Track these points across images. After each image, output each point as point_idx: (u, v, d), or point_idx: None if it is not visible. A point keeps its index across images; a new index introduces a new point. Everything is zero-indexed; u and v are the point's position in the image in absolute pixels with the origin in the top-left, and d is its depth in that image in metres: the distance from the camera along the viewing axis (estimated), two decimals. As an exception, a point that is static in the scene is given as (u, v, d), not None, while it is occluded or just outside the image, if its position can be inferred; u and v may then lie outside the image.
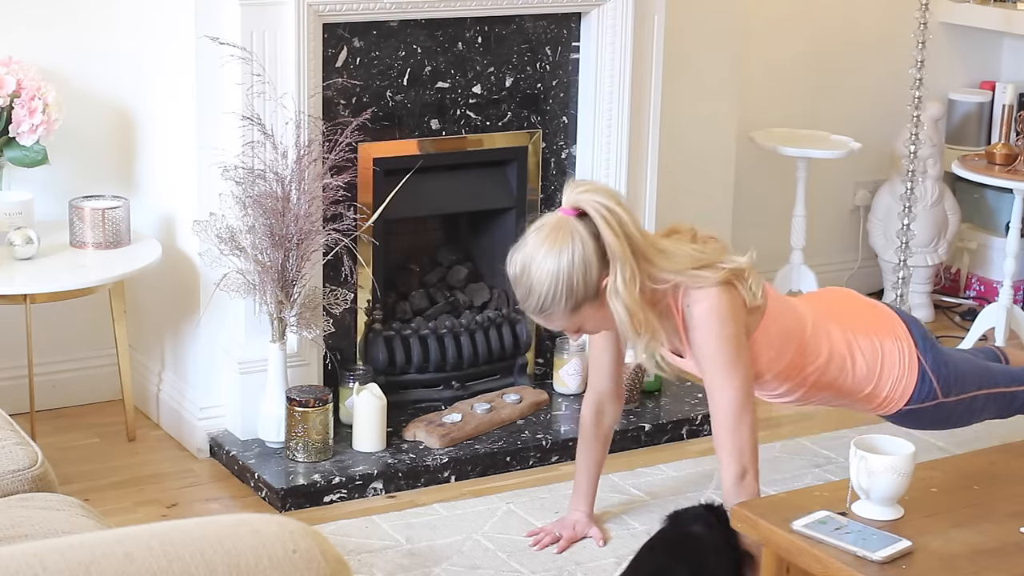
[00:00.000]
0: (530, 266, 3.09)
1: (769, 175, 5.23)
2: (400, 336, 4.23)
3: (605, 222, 3.04)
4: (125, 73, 4.18)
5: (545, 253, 3.07)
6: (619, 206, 3.08)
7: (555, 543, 3.56)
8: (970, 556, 2.63)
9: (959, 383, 3.42)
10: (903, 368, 3.35)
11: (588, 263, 3.05)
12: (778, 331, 3.24)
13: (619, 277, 3.05)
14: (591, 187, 3.13)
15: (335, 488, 3.79)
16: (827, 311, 3.40)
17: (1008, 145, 4.83)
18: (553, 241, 3.06)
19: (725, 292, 3.13)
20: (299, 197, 3.78)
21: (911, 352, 3.37)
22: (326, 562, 1.70)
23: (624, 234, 3.05)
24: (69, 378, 4.31)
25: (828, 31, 5.35)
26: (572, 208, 3.08)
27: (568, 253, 3.05)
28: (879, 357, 3.34)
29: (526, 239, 3.13)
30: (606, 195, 3.09)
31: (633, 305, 3.05)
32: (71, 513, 2.59)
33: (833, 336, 3.33)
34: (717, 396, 3.15)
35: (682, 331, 3.20)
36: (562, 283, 3.05)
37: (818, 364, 3.30)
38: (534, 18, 4.24)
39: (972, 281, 5.55)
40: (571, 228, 3.06)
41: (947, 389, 3.39)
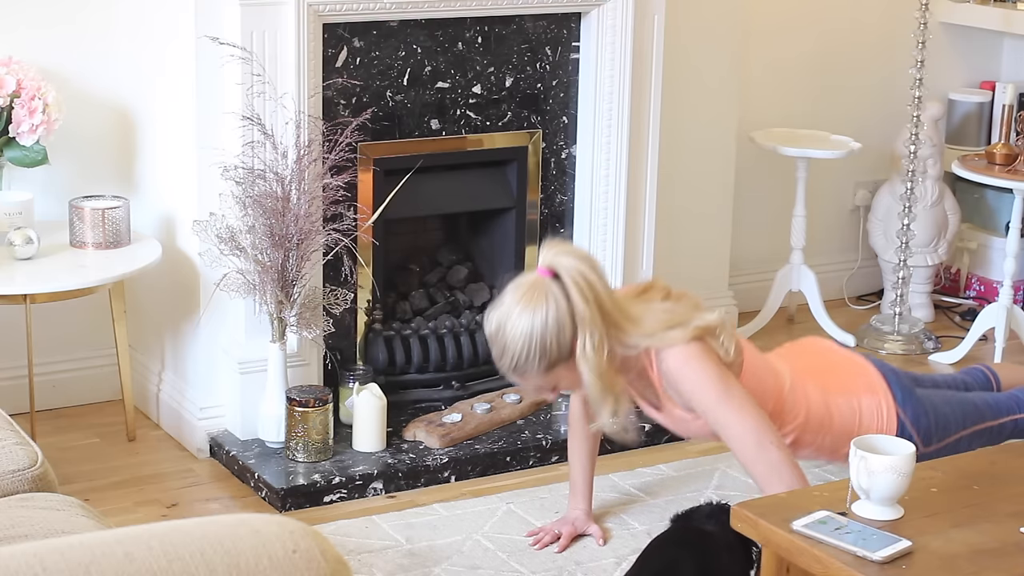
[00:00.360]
0: (505, 325, 3.14)
1: (769, 175, 5.23)
2: (400, 336, 4.23)
3: (577, 288, 3.09)
4: (125, 73, 4.18)
5: (520, 313, 3.11)
6: (592, 272, 3.13)
7: (555, 541, 3.56)
8: (970, 556, 2.63)
9: (941, 430, 3.44)
10: (880, 425, 3.38)
11: (561, 324, 3.10)
12: (755, 390, 3.27)
13: (588, 342, 3.10)
14: (568, 251, 3.17)
15: (335, 488, 3.79)
16: (805, 368, 3.43)
17: (1008, 145, 4.83)
18: (528, 301, 3.11)
19: (695, 343, 3.17)
20: (299, 197, 3.78)
21: (889, 408, 3.40)
22: (326, 562, 1.70)
23: (595, 301, 3.10)
24: (69, 378, 4.31)
25: (828, 31, 5.34)
26: (548, 269, 3.13)
27: (542, 314, 3.10)
28: (857, 416, 3.38)
29: (503, 298, 3.18)
30: (581, 260, 3.14)
31: (601, 370, 3.11)
32: (71, 513, 2.59)
33: (811, 397, 3.36)
34: (729, 432, 3.17)
35: (659, 388, 3.26)
36: (535, 343, 3.11)
37: (796, 424, 3.34)
38: (534, 18, 4.24)
39: (972, 281, 5.55)
40: (546, 289, 3.11)
41: (928, 440, 3.42)
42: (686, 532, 3.09)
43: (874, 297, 5.53)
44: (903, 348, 4.99)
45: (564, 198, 4.40)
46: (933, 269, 5.37)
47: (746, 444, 3.14)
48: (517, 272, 4.28)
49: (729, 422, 3.15)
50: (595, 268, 3.15)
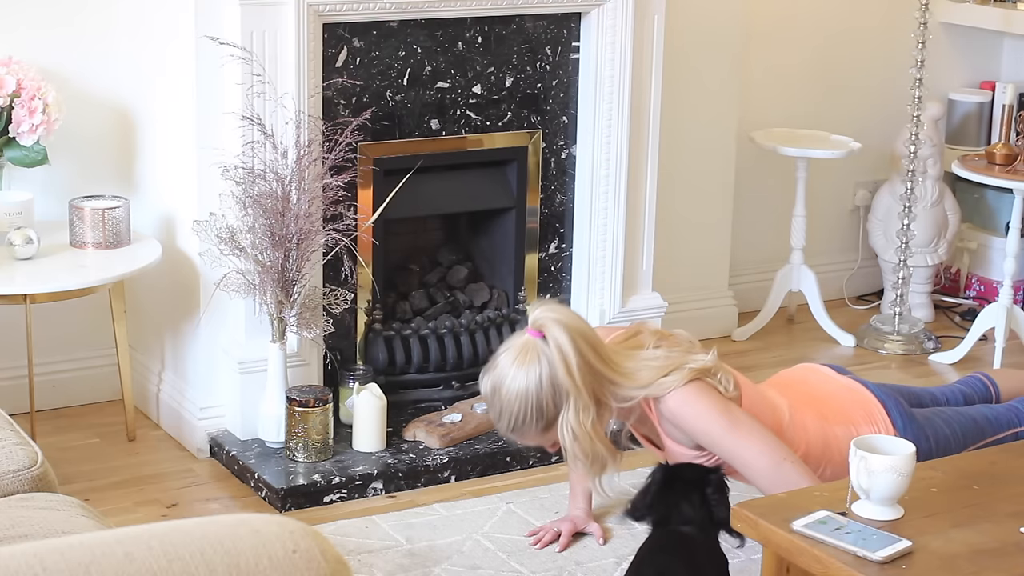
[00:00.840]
0: (500, 387, 3.16)
1: (769, 175, 5.23)
2: (400, 336, 4.23)
3: (561, 360, 3.10)
4: (125, 73, 4.18)
5: (514, 375, 3.13)
6: (577, 341, 3.11)
7: (556, 540, 3.56)
8: (970, 556, 2.63)
9: (942, 452, 3.45)
10: None
11: (556, 384, 3.12)
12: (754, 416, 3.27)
13: (571, 410, 3.11)
14: (556, 316, 3.15)
15: (335, 488, 3.79)
16: (802, 399, 3.43)
17: (1008, 145, 4.83)
18: (521, 363, 3.13)
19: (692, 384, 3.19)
20: (299, 197, 3.78)
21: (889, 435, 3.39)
22: (326, 562, 1.70)
23: (579, 371, 3.10)
24: (69, 378, 4.31)
25: (828, 31, 5.34)
26: (537, 330, 3.14)
27: (536, 374, 3.11)
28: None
29: (496, 360, 3.19)
30: (566, 328, 3.12)
31: (583, 437, 3.13)
32: (71, 513, 2.59)
33: (809, 429, 3.36)
34: (743, 460, 3.19)
35: (659, 430, 3.27)
36: (531, 403, 3.13)
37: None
38: (534, 18, 4.24)
39: (972, 281, 5.55)
40: (538, 350, 3.12)
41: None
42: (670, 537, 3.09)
43: (874, 297, 5.53)
44: (903, 348, 4.99)
45: (564, 198, 4.40)
46: (933, 269, 5.37)
47: (762, 468, 3.17)
48: (517, 272, 4.32)
49: (741, 450, 3.17)
50: (582, 333, 3.14)
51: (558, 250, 4.42)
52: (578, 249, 4.41)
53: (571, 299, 4.45)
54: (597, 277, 4.39)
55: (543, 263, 4.41)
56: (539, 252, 4.39)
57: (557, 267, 4.43)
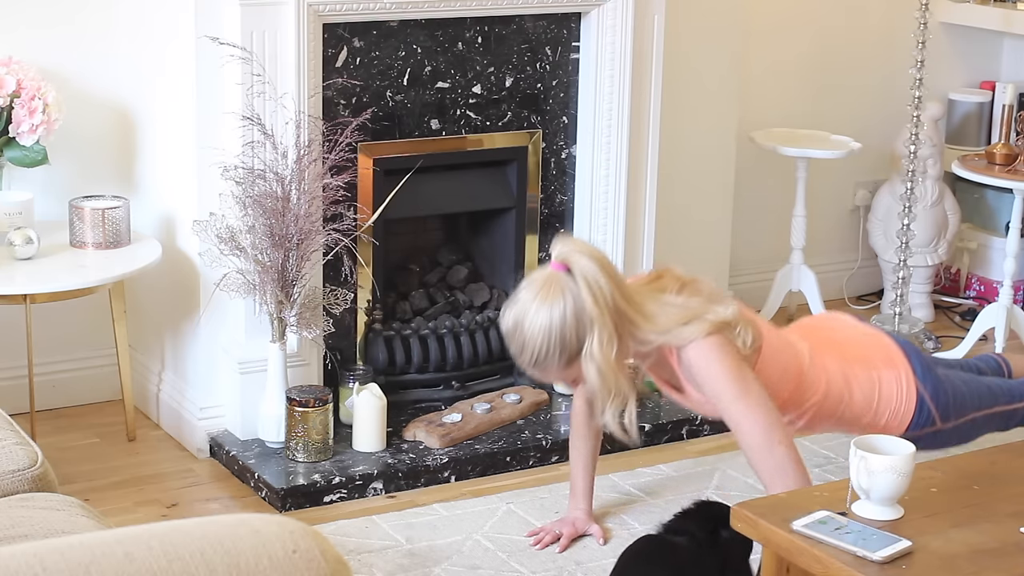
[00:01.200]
0: (522, 322, 3.12)
1: (769, 175, 5.23)
2: (400, 336, 4.23)
3: (588, 288, 3.08)
4: (125, 73, 4.18)
5: (537, 308, 3.10)
6: (604, 271, 3.11)
7: (556, 542, 3.56)
8: (970, 556, 2.63)
9: (958, 408, 3.44)
10: (900, 398, 3.38)
11: (579, 318, 3.09)
12: (775, 368, 3.27)
13: (595, 341, 3.09)
14: (580, 248, 3.15)
15: (335, 488, 3.79)
16: (823, 342, 3.43)
17: (1008, 145, 4.83)
18: (544, 296, 3.10)
19: (713, 337, 3.17)
20: (299, 197, 3.78)
21: (909, 381, 3.39)
22: (326, 562, 1.70)
23: (605, 302, 3.09)
24: (69, 378, 4.31)
25: (828, 31, 5.35)
26: (561, 264, 3.12)
27: (560, 308, 3.09)
28: (876, 388, 3.37)
29: (518, 295, 3.17)
30: (592, 259, 3.12)
31: (606, 369, 3.10)
32: (71, 513, 2.59)
33: (830, 370, 3.35)
34: (741, 427, 3.17)
35: (679, 374, 3.25)
36: (554, 338, 3.09)
37: (816, 399, 3.33)
38: (534, 18, 4.24)
39: (972, 281, 5.55)
40: (561, 284, 3.10)
41: (945, 416, 3.42)
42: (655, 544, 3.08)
43: (874, 297, 5.53)
44: (903, 348, 4.99)
45: (564, 198, 4.40)
46: (933, 269, 5.37)
47: (756, 441, 3.14)
48: (517, 272, 4.32)
49: (741, 419, 3.15)
50: (606, 266, 3.14)
51: (558, 250, 4.42)
52: (578, 249, 4.40)
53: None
54: (597, 277, 4.38)
55: (543, 263, 4.40)
56: (539, 252, 4.39)
57: (557, 267, 4.43)
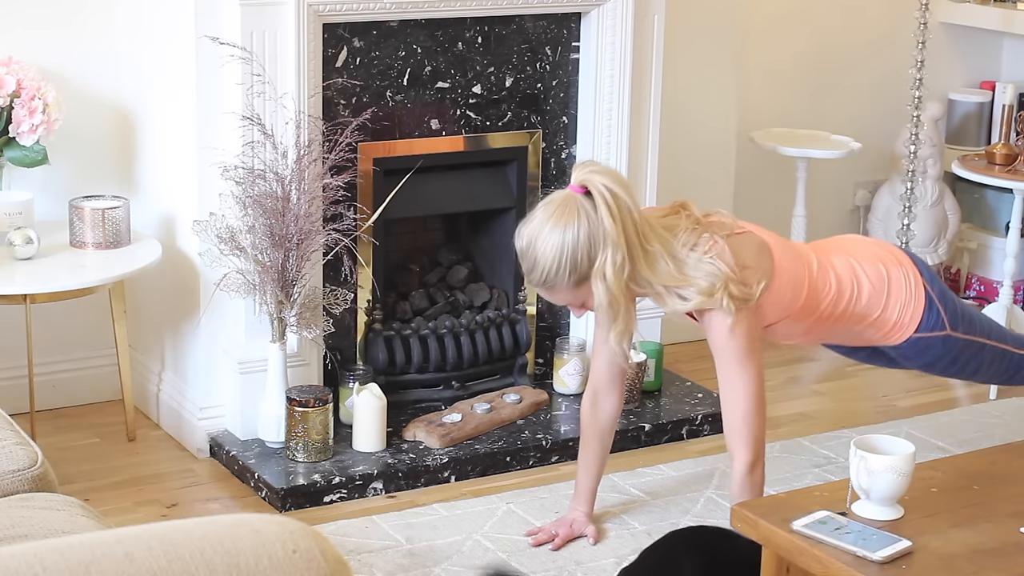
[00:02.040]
0: (536, 240, 3.15)
1: (769, 175, 5.23)
2: (400, 336, 4.23)
3: (606, 206, 3.11)
4: (125, 73, 4.18)
5: (551, 228, 3.13)
6: (623, 192, 3.14)
7: (551, 541, 3.56)
8: (970, 556, 2.63)
9: (966, 321, 3.47)
10: (910, 293, 3.40)
11: (593, 239, 3.12)
12: (788, 283, 3.30)
13: (608, 261, 3.11)
14: (601, 169, 3.18)
15: (335, 488, 3.79)
16: (830, 247, 3.48)
17: (1008, 145, 4.83)
18: (560, 216, 3.13)
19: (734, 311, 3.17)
20: (299, 197, 3.78)
21: (917, 280, 3.42)
22: (326, 562, 1.70)
23: (622, 221, 3.11)
24: (69, 378, 4.31)
25: (828, 31, 5.35)
26: (580, 186, 3.14)
27: (573, 229, 3.11)
28: (885, 281, 3.40)
29: (534, 214, 3.20)
30: (614, 179, 3.15)
31: (617, 291, 3.13)
32: (71, 513, 2.59)
33: (837, 267, 3.39)
34: (733, 386, 3.23)
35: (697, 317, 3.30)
36: (566, 257, 3.12)
37: (830, 296, 3.36)
38: (534, 18, 4.25)
39: (972, 281, 5.55)
40: (578, 205, 3.12)
41: (954, 321, 3.44)
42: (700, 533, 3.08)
43: (885, 245, 5.53)
44: (903, 348, 4.99)
45: (564, 198, 4.40)
46: (933, 269, 5.37)
47: (746, 402, 3.22)
48: (517, 272, 4.31)
49: (739, 377, 3.21)
50: (626, 188, 3.16)
51: (558, 250, 4.42)
52: (578, 249, 4.41)
53: (571, 299, 4.45)
54: (597, 277, 4.38)
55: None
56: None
57: (557, 267, 4.43)
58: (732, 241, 3.24)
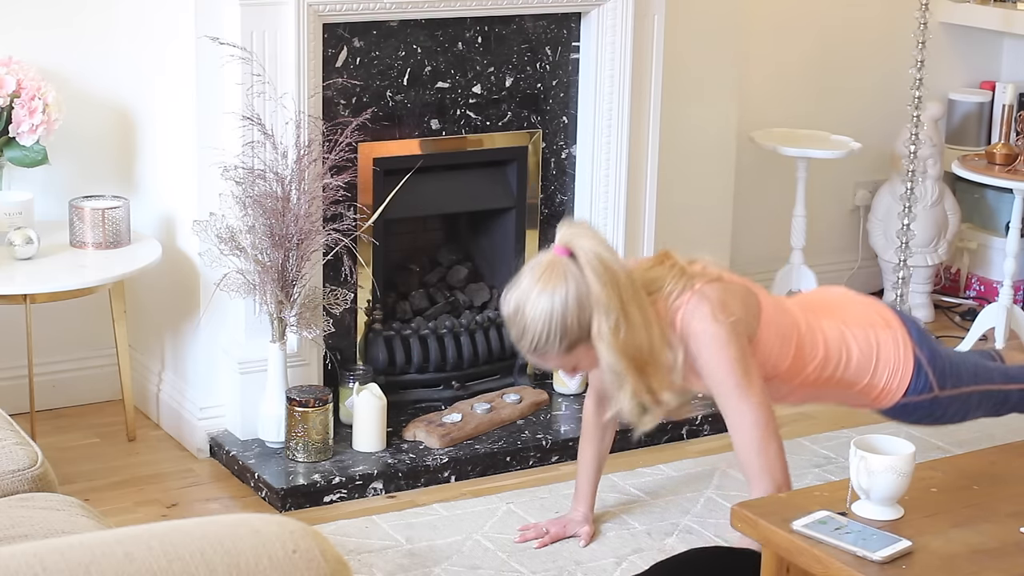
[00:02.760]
0: (524, 305, 3.08)
1: (769, 175, 5.23)
2: (400, 336, 4.23)
3: (592, 269, 3.05)
4: (125, 73, 4.18)
5: (539, 293, 3.06)
6: (608, 253, 3.08)
7: (539, 538, 3.56)
8: (970, 556, 2.63)
9: (954, 377, 3.43)
10: (899, 359, 3.36)
11: (581, 303, 3.05)
12: (775, 336, 3.24)
13: (604, 323, 3.05)
14: (583, 231, 3.12)
15: (335, 488, 3.79)
16: (819, 307, 3.42)
17: (1008, 145, 4.83)
18: (547, 281, 3.06)
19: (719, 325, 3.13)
20: (299, 197, 3.78)
21: (906, 344, 3.37)
22: (326, 562, 1.70)
23: (610, 283, 3.05)
24: (69, 378, 4.31)
25: (828, 31, 5.35)
26: (564, 248, 3.08)
27: (562, 293, 3.04)
28: (874, 348, 3.35)
29: (520, 278, 3.12)
30: (597, 241, 3.09)
31: (620, 352, 3.06)
32: (71, 513, 2.59)
33: (827, 330, 3.33)
34: (736, 419, 3.14)
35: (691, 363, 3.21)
36: (556, 323, 3.05)
37: (817, 361, 3.31)
38: (534, 18, 4.25)
39: (972, 281, 5.55)
40: (564, 268, 3.06)
41: (943, 381, 3.40)
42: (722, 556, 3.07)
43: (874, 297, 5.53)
44: (903, 348, 4.99)
45: (564, 198, 4.40)
46: (933, 269, 5.37)
47: (753, 432, 3.12)
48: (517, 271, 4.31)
49: (741, 407, 3.12)
50: (610, 249, 3.11)
51: (558, 250, 4.42)
52: (578, 249, 4.40)
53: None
54: (597, 277, 4.38)
55: (547, 249, 4.39)
56: (539, 252, 4.38)
57: (557, 267, 4.43)
58: (717, 286, 3.19)
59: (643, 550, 3.55)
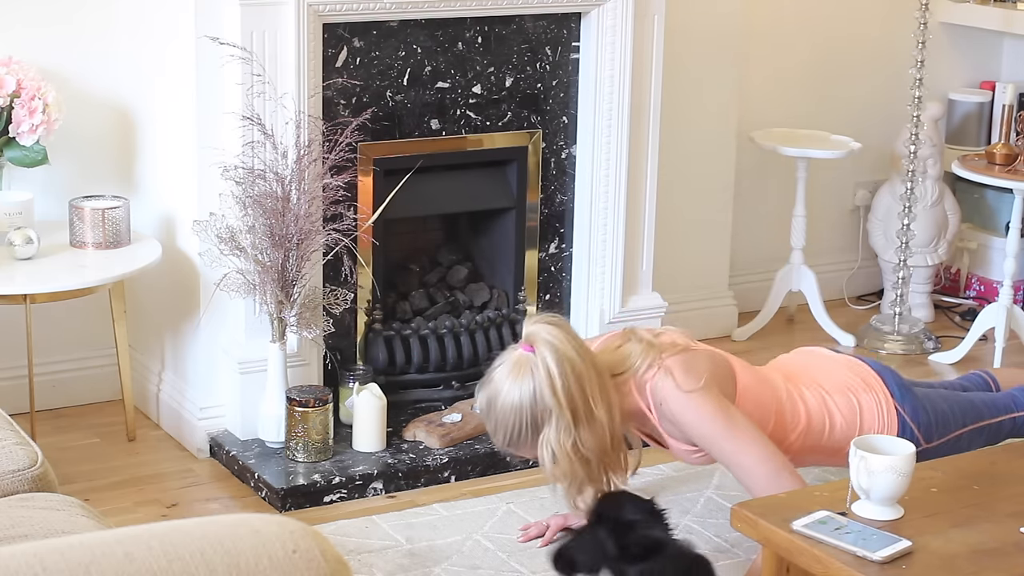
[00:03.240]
0: (495, 402, 3.19)
1: (769, 175, 5.23)
2: (400, 336, 4.23)
3: (548, 379, 3.11)
4: (125, 73, 4.18)
5: (508, 389, 3.16)
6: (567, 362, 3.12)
7: (542, 535, 3.57)
8: (970, 556, 2.63)
9: (941, 426, 3.45)
10: (882, 420, 3.39)
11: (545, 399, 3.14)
12: (752, 405, 3.29)
13: (552, 430, 3.14)
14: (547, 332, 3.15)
15: (335, 488, 3.79)
16: (797, 374, 3.45)
17: (1008, 145, 4.83)
18: (515, 377, 3.16)
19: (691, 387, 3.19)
20: (299, 197, 3.78)
21: (888, 404, 3.40)
22: (326, 562, 1.70)
23: (563, 389, 3.11)
24: (69, 378, 4.31)
25: (828, 31, 5.34)
26: (529, 345, 3.16)
27: (529, 388, 3.14)
28: (857, 413, 3.38)
29: (491, 375, 3.22)
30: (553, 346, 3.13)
31: (562, 457, 3.14)
32: (71, 513, 2.59)
33: (808, 399, 3.37)
34: (741, 466, 3.19)
35: (660, 429, 3.28)
36: (526, 416, 3.15)
37: (799, 430, 3.34)
38: (534, 18, 4.24)
39: (972, 281, 5.55)
40: (531, 364, 3.15)
41: (929, 436, 3.42)
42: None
43: (874, 297, 5.53)
44: (903, 348, 4.99)
45: (564, 198, 4.40)
46: (933, 269, 5.37)
47: (760, 475, 3.16)
48: (517, 272, 4.32)
49: (738, 456, 3.18)
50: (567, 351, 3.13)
51: (558, 250, 4.42)
52: (578, 249, 4.41)
53: (571, 299, 4.45)
54: (597, 277, 4.39)
55: (543, 263, 4.41)
56: (539, 252, 4.39)
57: (557, 267, 4.43)
58: (682, 356, 3.25)
59: (643, 550, 3.55)
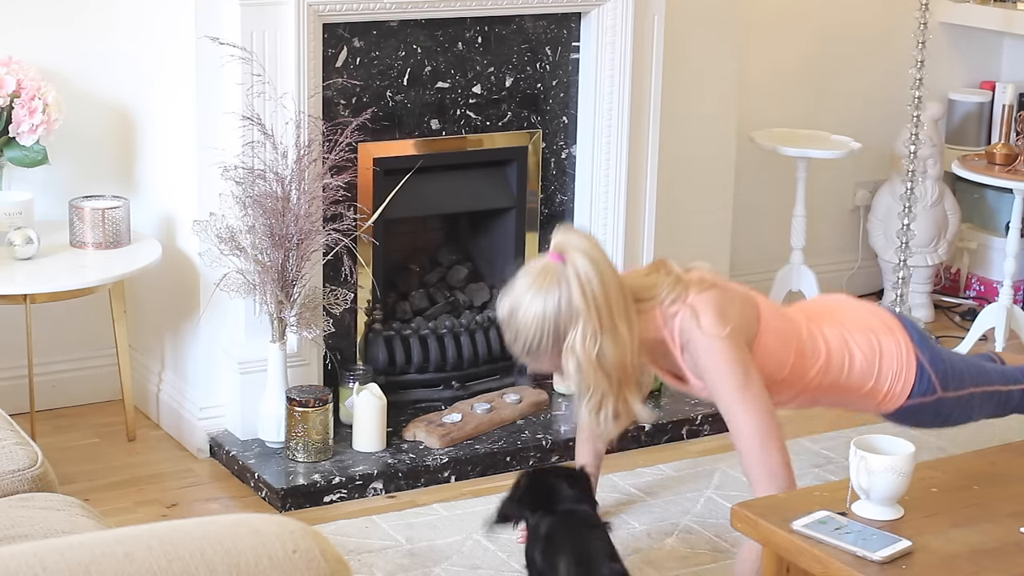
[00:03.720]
0: (517, 310, 3.13)
1: (769, 175, 5.23)
2: (400, 336, 4.23)
3: (578, 282, 3.07)
4: (125, 73, 4.18)
5: (532, 297, 3.10)
6: (597, 267, 3.09)
7: None
8: (970, 556, 2.63)
9: (956, 379, 3.43)
10: (901, 363, 3.36)
11: (572, 307, 3.08)
12: (775, 341, 3.25)
13: (578, 335, 3.08)
14: (577, 241, 3.13)
15: (335, 488, 3.79)
16: (819, 313, 3.42)
17: (1008, 145, 4.83)
18: (540, 285, 3.10)
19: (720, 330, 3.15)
20: (299, 197, 3.78)
21: (908, 348, 3.38)
22: (326, 562, 1.70)
23: (593, 297, 3.07)
24: (69, 378, 4.31)
25: (828, 31, 5.35)
26: (558, 254, 3.12)
27: (554, 297, 3.08)
28: (877, 353, 3.35)
29: (514, 283, 3.16)
30: (587, 253, 3.10)
31: (586, 365, 3.09)
32: (71, 513, 2.59)
33: (828, 336, 3.34)
34: (738, 424, 3.15)
35: (682, 363, 3.23)
36: (548, 326, 3.09)
37: (819, 366, 3.31)
38: (534, 18, 4.25)
39: (972, 281, 5.55)
40: (557, 274, 3.10)
41: (945, 384, 3.40)
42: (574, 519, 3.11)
43: (874, 297, 5.53)
44: (903, 348, 4.99)
45: (564, 198, 4.40)
46: (933, 269, 5.37)
47: (754, 437, 3.12)
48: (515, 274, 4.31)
49: (742, 410, 3.13)
50: (600, 261, 3.11)
51: (558, 250, 4.42)
52: (578, 249, 4.40)
53: (571, 299, 4.44)
54: (597, 277, 4.38)
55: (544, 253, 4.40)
56: (539, 252, 4.39)
57: (557, 267, 4.43)
58: (713, 293, 3.21)
59: (643, 550, 3.55)
